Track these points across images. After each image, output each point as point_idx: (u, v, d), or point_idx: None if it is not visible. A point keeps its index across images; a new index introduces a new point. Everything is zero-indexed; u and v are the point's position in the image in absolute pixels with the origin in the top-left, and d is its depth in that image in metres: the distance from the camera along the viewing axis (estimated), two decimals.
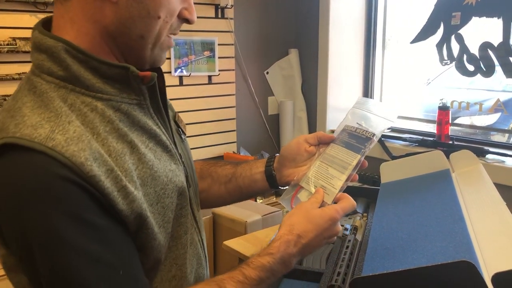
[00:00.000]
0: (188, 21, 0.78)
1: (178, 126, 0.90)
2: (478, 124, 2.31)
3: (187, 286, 0.81)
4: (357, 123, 0.90)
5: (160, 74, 0.81)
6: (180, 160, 0.82)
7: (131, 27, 0.72)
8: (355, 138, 0.88)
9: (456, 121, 2.31)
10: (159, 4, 0.72)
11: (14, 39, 1.79)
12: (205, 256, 0.91)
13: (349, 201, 0.84)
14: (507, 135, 2.23)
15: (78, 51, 0.69)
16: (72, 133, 0.64)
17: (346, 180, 0.86)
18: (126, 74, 0.72)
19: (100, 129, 0.68)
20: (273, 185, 1.00)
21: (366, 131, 0.88)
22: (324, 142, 0.94)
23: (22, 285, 0.71)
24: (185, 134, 0.92)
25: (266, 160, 1.01)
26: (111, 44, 0.73)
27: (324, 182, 0.88)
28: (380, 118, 0.90)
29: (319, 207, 0.83)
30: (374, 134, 0.88)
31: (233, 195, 1.04)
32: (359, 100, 0.95)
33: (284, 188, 0.99)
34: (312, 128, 2.69)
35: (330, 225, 0.80)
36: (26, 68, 1.84)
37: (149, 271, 0.75)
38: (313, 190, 0.88)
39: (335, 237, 0.84)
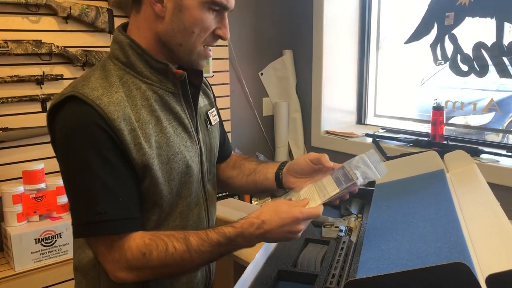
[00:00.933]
0: (221, 38, 1.01)
1: (207, 117, 1.13)
2: (472, 124, 2.31)
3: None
4: (355, 165, 1.02)
5: (199, 75, 1.07)
6: (197, 141, 1.06)
7: (172, 36, 0.97)
8: (344, 176, 1.02)
9: (450, 121, 2.31)
10: (193, 22, 0.95)
11: (5, 41, 1.77)
12: (208, 218, 1.11)
13: (315, 208, 0.97)
14: (501, 134, 2.24)
15: (138, 47, 0.97)
16: (114, 99, 0.93)
17: (320, 203, 0.99)
18: (166, 69, 0.99)
19: (138, 103, 0.96)
20: (279, 185, 1.18)
21: (354, 174, 1.00)
22: (323, 165, 1.07)
23: (87, 259, 1.02)
24: (211, 125, 1.14)
25: (279, 164, 1.20)
26: (161, 46, 0.99)
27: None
28: (373, 170, 1.02)
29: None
30: (357, 178, 1.00)
31: (251, 186, 1.24)
32: (370, 153, 1.06)
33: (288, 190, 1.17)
34: (306, 128, 2.69)
35: (292, 222, 0.93)
36: (18, 71, 1.83)
37: (152, 213, 1.00)
38: None
39: (299, 234, 0.95)
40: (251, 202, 2.25)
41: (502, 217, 0.90)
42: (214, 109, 1.18)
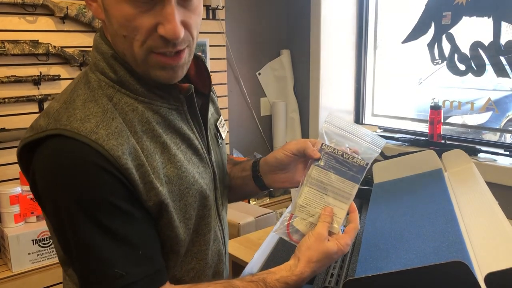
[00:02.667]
0: (166, 38, 0.70)
1: (217, 130, 0.95)
2: (470, 123, 2.32)
3: (206, 280, 0.87)
4: (347, 149, 0.86)
5: (207, 80, 0.88)
6: (209, 163, 0.88)
7: (116, 44, 0.76)
8: (345, 165, 0.85)
9: (448, 120, 2.32)
10: (118, 24, 0.71)
11: (2, 42, 1.77)
12: (226, 252, 0.96)
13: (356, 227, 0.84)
14: (498, 133, 2.24)
15: (123, 61, 0.76)
16: (114, 128, 0.72)
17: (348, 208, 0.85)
18: (168, 84, 0.78)
19: (137, 128, 0.76)
20: (263, 188, 1.00)
21: (357, 158, 0.85)
22: (310, 157, 0.87)
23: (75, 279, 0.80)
24: (222, 139, 0.96)
25: (252, 165, 1.00)
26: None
27: (322, 210, 0.85)
28: (366, 143, 0.87)
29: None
30: (366, 163, 0.85)
31: (230, 193, 1.05)
32: (334, 117, 0.88)
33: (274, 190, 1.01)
34: (304, 128, 2.69)
35: (327, 258, 0.81)
36: (15, 71, 1.83)
37: (167, 259, 0.81)
38: (307, 217, 0.85)
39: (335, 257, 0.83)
40: (249, 202, 2.25)
41: (500, 215, 0.90)
42: (221, 117, 0.98)
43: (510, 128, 2.34)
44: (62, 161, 0.69)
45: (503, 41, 1.97)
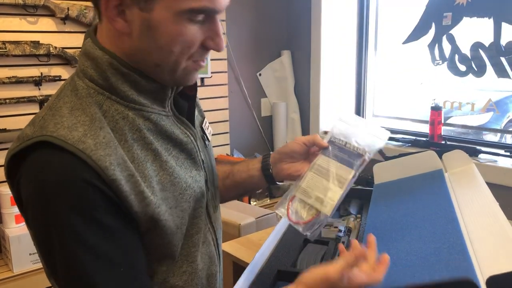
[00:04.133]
0: (214, 50, 0.77)
1: (204, 133, 0.94)
2: (470, 124, 2.32)
3: (200, 284, 0.86)
4: (353, 140, 0.92)
5: (193, 86, 0.87)
6: (202, 165, 0.87)
7: (145, 56, 0.75)
8: (346, 153, 0.91)
9: (448, 121, 2.32)
10: (170, 40, 0.72)
11: (3, 42, 1.77)
12: (219, 254, 0.95)
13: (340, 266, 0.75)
14: (499, 134, 2.24)
15: (122, 65, 0.75)
16: (101, 138, 0.70)
17: (343, 193, 0.88)
18: (160, 89, 0.78)
19: (128, 137, 0.74)
20: (269, 180, 1.02)
21: (357, 147, 0.90)
22: (318, 146, 0.96)
23: None
24: (209, 141, 0.96)
25: (262, 157, 1.04)
26: (135, 65, 0.76)
27: (320, 193, 0.90)
28: (372, 136, 0.92)
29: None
30: (366, 152, 0.90)
31: (230, 190, 1.06)
32: (345, 115, 0.97)
33: (280, 183, 1.03)
34: (305, 129, 2.69)
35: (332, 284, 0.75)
36: (16, 72, 1.83)
37: (159, 265, 0.81)
38: (307, 200, 0.90)
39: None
40: (249, 203, 2.25)
41: (501, 216, 0.90)
42: (205, 119, 0.99)
43: (510, 129, 2.34)
44: (47, 174, 0.68)
45: (503, 41, 1.97)
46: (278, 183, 1.04)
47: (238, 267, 1.53)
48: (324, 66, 2.53)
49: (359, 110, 2.69)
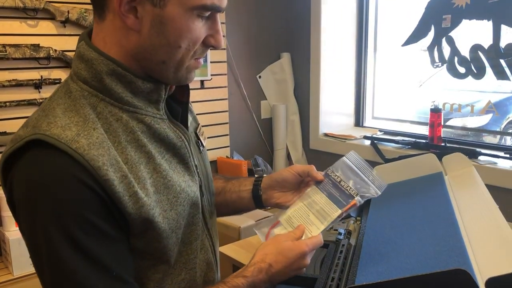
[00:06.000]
0: (214, 48, 0.80)
1: (198, 138, 0.94)
2: (470, 125, 2.32)
3: None
4: (350, 181, 0.93)
5: (186, 89, 0.88)
6: (195, 171, 0.87)
7: (152, 53, 0.75)
8: (338, 191, 0.92)
9: (448, 123, 2.32)
10: (179, 35, 0.74)
11: (4, 46, 1.77)
12: (216, 261, 0.96)
13: (318, 237, 0.88)
14: (498, 136, 2.24)
15: (119, 66, 0.75)
16: (95, 138, 0.71)
17: (324, 229, 0.91)
18: (155, 89, 0.78)
19: (122, 138, 0.75)
20: (258, 204, 1.03)
21: (351, 188, 0.91)
22: (313, 179, 0.96)
23: None
24: (203, 147, 0.96)
25: (255, 179, 1.04)
26: (134, 63, 0.77)
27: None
28: (369, 184, 0.92)
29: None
30: (357, 194, 0.90)
31: (221, 207, 1.06)
32: (353, 155, 0.96)
33: (268, 208, 1.05)
34: (305, 131, 2.69)
35: (299, 258, 0.85)
36: (16, 75, 1.83)
37: (155, 272, 0.81)
38: (290, 228, 0.93)
39: (304, 269, 0.87)
40: None
41: (501, 219, 0.90)
42: (200, 125, 0.98)
43: (510, 131, 2.34)
44: (39, 173, 0.67)
45: (502, 44, 1.98)
46: (266, 208, 1.06)
47: (238, 269, 1.53)
48: (323, 68, 2.53)
49: (359, 111, 2.69)
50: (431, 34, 2.22)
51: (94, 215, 0.69)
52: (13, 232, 1.75)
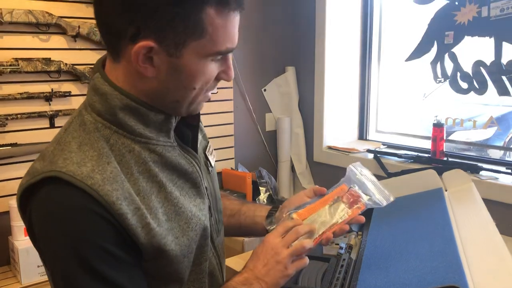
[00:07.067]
0: (224, 80, 0.83)
1: (207, 158, 0.96)
2: (474, 139, 2.33)
3: None
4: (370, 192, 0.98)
5: (197, 115, 0.90)
6: (205, 193, 0.89)
7: (166, 95, 0.78)
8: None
9: (451, 137, 2.34)
10: (193, 79, 0.77)
11: (16, 59, 1.82)
12: (223, 279, 0.98)
13: (288, 222, 0.90)
14: (502, 151, 2.26)
15: (132, 100, 0.77)
16: (109, 173, 0.74)
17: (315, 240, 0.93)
18: (166, 120, 0.81)
19: (134, 170, 0.77)
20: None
21: (362, 203, 0.96)
22: (319, 194, 1.00)
23: None
24: (212, 167, 0.98)
25: (271, 208, 1.07)
26: (149, 100, 0.79)
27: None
28: (381, 193, 0.99)
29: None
30: (365, 204, 0.97)
31: (233, 229, 1.09)
32: (359, 167, 1.02)
33: None
34: (309, 144, 2.72)
35: (270, 251, 0.86)
36: (28, 88, 1.88)
37: None
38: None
39: (287, 263, 0.86)
40: None
41: (497, 236, 0.92)
42: (209, 143, 1.00)
43: None
44: (58, 207, 0.72)
45: (504, 60, 2.00)
46: None
47: None
48: (328, 82, 2.56)
49: (363, 125, 2.71)
50: (434, 50, 2.25)
51: (110, 244, 0.72)
52: (22, 241, 1.78)
